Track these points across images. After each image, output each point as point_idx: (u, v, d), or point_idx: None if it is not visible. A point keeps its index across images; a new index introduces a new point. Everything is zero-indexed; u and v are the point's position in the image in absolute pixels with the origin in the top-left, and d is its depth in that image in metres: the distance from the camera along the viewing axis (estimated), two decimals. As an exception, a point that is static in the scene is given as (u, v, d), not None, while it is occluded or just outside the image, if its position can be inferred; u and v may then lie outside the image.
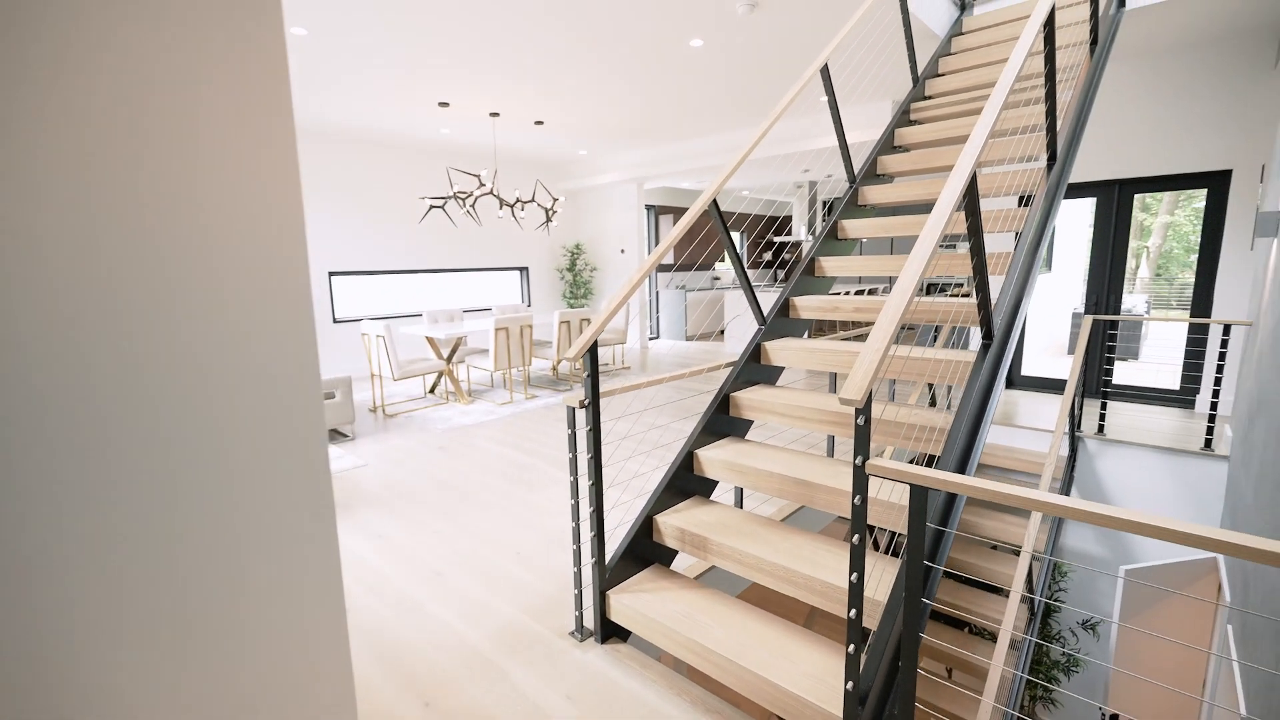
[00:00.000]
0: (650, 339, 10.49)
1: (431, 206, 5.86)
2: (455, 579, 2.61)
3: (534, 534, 3.02)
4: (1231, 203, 4.56)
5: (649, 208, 10.63)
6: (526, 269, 9.35)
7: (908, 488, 1.27)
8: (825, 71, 2.91)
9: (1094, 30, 3.18)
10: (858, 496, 1.33)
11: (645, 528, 2.27)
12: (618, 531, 2.55)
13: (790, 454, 2.33)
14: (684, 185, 10.56)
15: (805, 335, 3.01)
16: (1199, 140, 4.65)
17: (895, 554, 1.95)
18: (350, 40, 4.08)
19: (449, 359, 6.05)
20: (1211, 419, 3.97)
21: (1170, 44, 4.56)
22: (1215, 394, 3.95)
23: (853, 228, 3.11)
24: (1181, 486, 4.08)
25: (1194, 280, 4.87)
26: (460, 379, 6.98)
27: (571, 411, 2.04)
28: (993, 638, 4.03)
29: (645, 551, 2.28)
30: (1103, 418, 4.36)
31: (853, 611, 1.40)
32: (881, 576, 1.70)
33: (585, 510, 2.14)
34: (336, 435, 4.88)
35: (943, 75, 3.89)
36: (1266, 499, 2.65)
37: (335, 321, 7.23)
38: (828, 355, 2.47)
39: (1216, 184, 4.65)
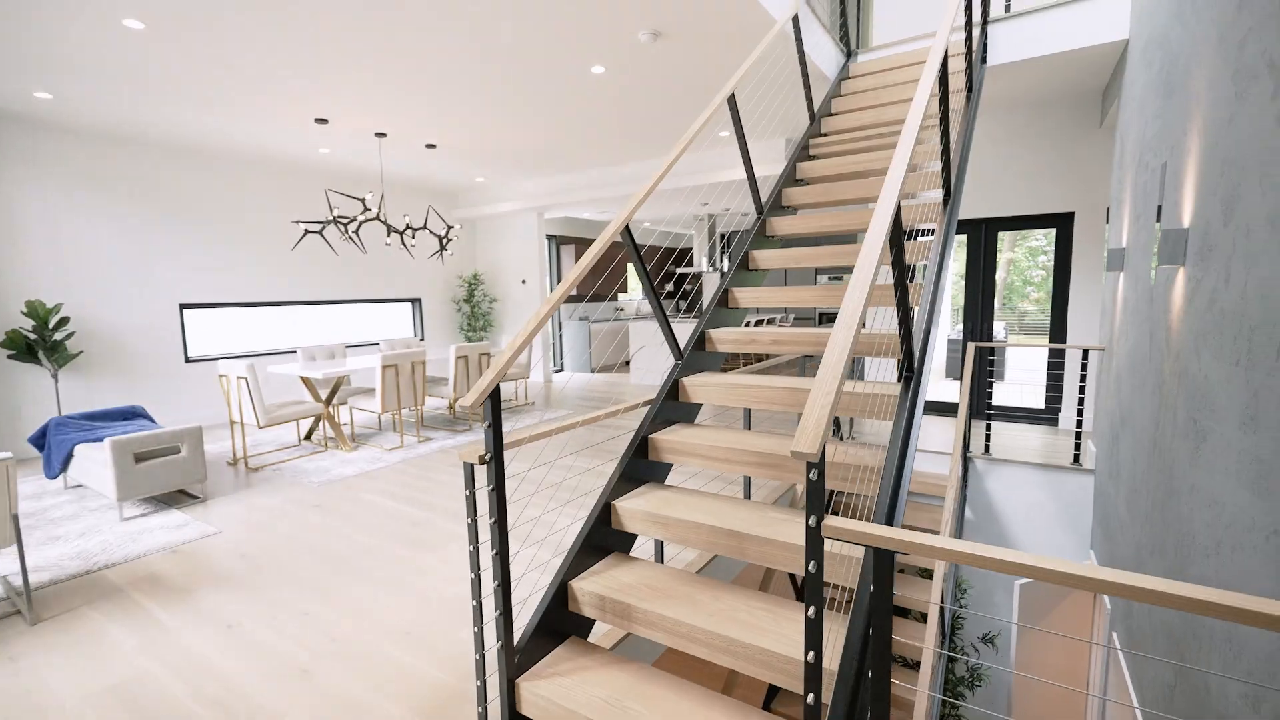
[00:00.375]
0: (555, 371, 10.16)
1: (307, 231, 5.26)
2: (328, 676, 2.15)
3: (429, 607, 2.61)
4: (1076, 240, 5.12)
5: (550, 238, 10.41)
6: (419, 300, 8.74)
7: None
8: (732, 101, 2.87)
9: (969, 80, 3.42)
10: (813, 563, 1.15)
11: (560, 596, 1.98)
12: (532, 600, 2.24)
13: (715, 500, 2.15)
14: (585, 215, 10.47)
15: (721, 369, 2.89)
16: (1046, 185, 5.21)
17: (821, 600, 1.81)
18: (202, 39, 3.56)
19: (328, 401, 5.39)
20: (1078, 436, 4.33)
21: (1020, 101, 5.11)
22: (1080, 413, 4.32)
23: (763, 258, 3.07)
24: (1057, 499, 4.39)
25: (1050, 308, 5.41)
26: (342, 423, 6.27)
27: (470, 469, 1.73)
28: (903, 660, 4.07)
29: (561, 623, 1.99)
30: (988, 438, 4.64)
31: (810, 697, 1.21)
32: (835, 643, 1.53)
33: (488, 584, 1.81)
34: (182, 497, 4.11)
35: (835, 114, 4.05)
36: (1141, 514, 2.84)
37: (188, 361, 6.26)
38: (750, 391, 2.35)
39: (1063, 224, 5.22)
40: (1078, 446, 4.35)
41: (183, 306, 6.20)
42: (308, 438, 5.66)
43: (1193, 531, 2.05)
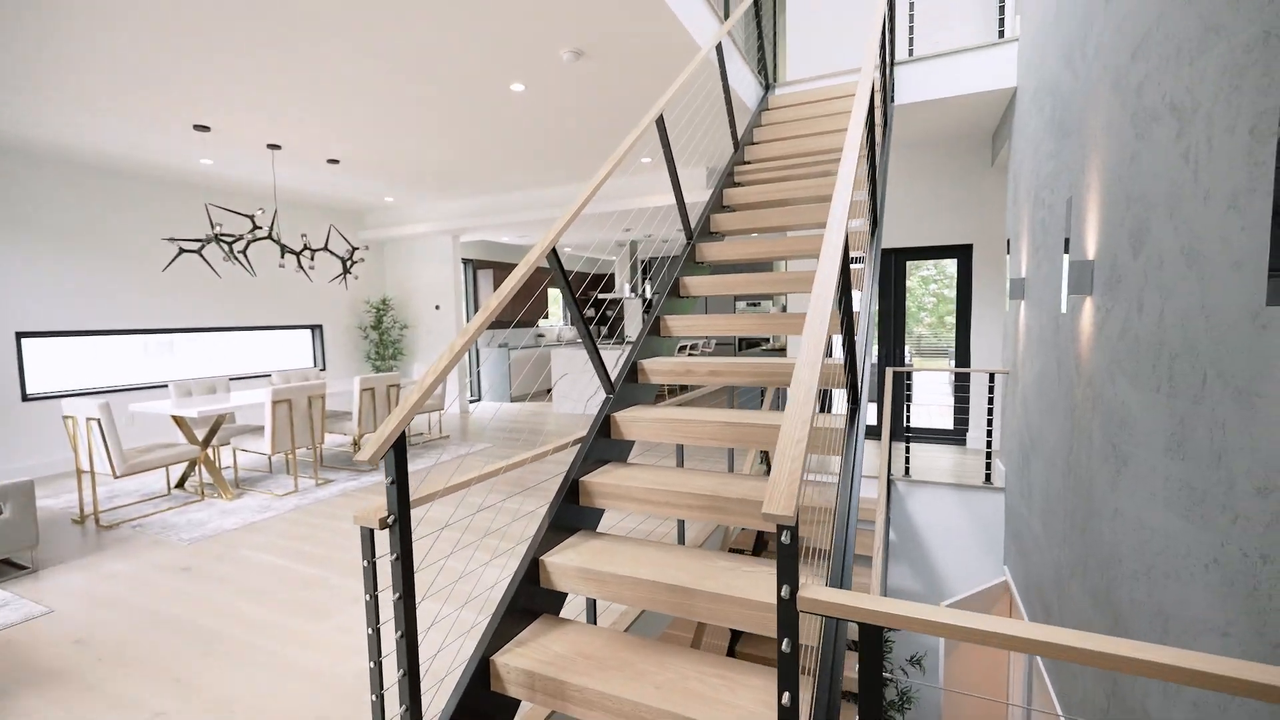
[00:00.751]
0: (472, 401, 9.65)
1: (182, 250, 4.64)
2: (182, 797, 1.73)
3: (323, 691, 2.21)
4: (975, 270, 5.46)
5: (467, 262, 9.98)
6: (320, 327, 8.03)
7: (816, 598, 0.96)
8: (660, 122, 2.77)
9: (884, 115, 3.54)
10: (786, 641, 0.98)
11: (481, 674, 1.69)
12: (452, 677, 1.92)
13: (654, 549, 1.96)
14: (504, 239, 10.14)
15: (654, 400, 2.73)
16: (948, 219, 5.54)
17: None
18: (46, 24, 3.04)
19: (205, 442, 4.72)
20: (989, 456, 4.53)
21: (922, 140, 5.43)
22: (989, 434, 4.53)
23: (694, 284, 2.97)
24: (972, 518, 4.56)
25: (955, 334, 5.72)
26: (225, 466, 5.54)
27: (368, 534, 1.44)
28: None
29: (482, 705, 1.70)
30: (908, 460, 4.77)
31: (785, 799, 1.03)
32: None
33: (392, 673, 1.51)
34: (6, 569, 3.38)
35: (758, 143, 4.09)
36: (1058, 533, 2.94)
37: (25, 399, 5.32)
38: (687, 426, 2.19)
39: (964, 254, 5.56)
40: (989, 466, 4.54)
41: (20, 335, 5.28)
42: (180, 485, 4.93)
43: (1119, 555, 2.10)
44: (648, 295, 10.27)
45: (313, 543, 3.71)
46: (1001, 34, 4.35)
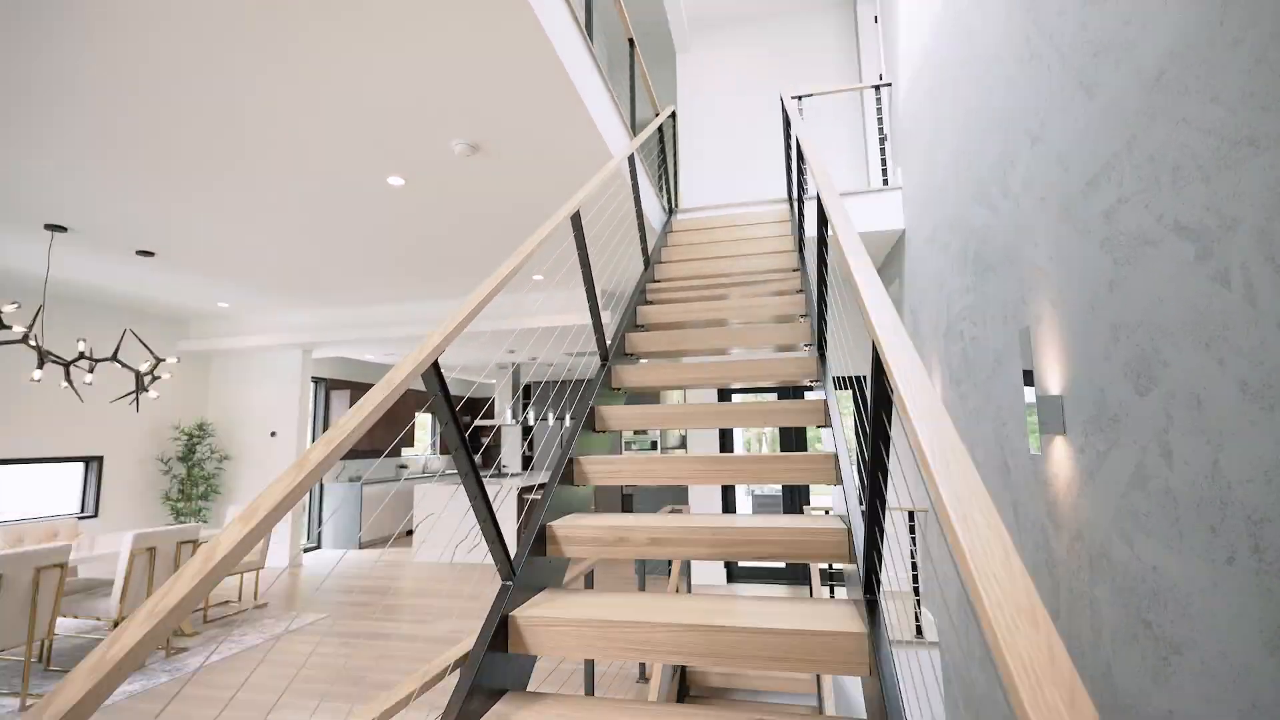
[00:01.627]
0: (307, 550, 7.83)
1: None
2: None
3: None
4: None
5: (318, 381, 8.63)
6: (99, 460, 6.17)
7: None
8: (577, 219, 2.29)
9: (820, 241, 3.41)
10: None
11: None
12: None
13: None
14: (368, 358, 9.00)
15: (565, 578, 1.96)
16: (843, 350, 5.57)
17: None
18: None
19: None
20: (918, 603, 4.12)
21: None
22: (915, 579, 4.16)
23: (613, 416, 2.35)
24: (907, 680, 4.01)
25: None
26: None
27: None
28: None
29: None
30: (835, 614, 4.21)
31: None
32: None
33: None
34: None
35: (665, 263, 3.81)
36: (1046, 716, 2.44)
37: None
38: (633, 633, 1.45)
39: (861, 386, 5.55)
40: (917, 617, 4.12)
41: None
42: None
43: (1190, 780, 1.60)
44: (530, 423, 9.48)
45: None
46: (886, 182, 4.64)
